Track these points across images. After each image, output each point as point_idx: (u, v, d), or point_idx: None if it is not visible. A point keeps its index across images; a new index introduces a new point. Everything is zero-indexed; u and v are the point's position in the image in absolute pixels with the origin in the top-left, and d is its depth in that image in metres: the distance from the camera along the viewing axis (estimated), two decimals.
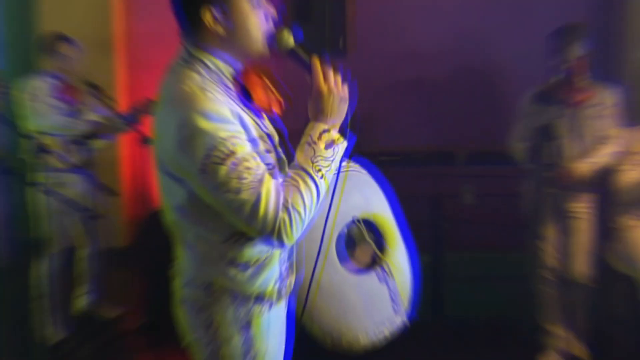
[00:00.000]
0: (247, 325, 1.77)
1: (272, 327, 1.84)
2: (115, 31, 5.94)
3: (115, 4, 5.90)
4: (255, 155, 1.62)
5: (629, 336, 3.73)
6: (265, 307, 1.80)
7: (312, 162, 1.66)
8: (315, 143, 1.68)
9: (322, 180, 1.68)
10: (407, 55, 5.42)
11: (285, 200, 1.60)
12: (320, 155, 1.67)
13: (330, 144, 1.70)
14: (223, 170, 1.55)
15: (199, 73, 1.68)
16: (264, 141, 1.73)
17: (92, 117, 4.31)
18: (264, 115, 1.83)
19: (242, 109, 1.70)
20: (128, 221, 5.86)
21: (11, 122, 3.66)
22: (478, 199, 4.50)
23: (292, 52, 1.75)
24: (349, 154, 1.82)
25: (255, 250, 1.75)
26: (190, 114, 1.56)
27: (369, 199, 2.23)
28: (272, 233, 1.59)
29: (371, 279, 2.18)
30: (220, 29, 1.69)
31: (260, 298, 1.78)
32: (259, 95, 1.80)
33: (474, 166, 4.53)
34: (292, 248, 1.89)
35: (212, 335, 1.77)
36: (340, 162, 1.77)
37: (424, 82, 5.50)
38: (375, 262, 2.21)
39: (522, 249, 3.90)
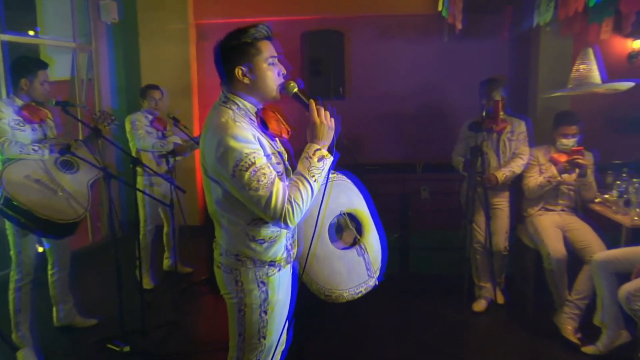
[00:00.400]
0: (263, 282, 1.76)
1: (281, 283, 1.82)
2: (193, 81, 5.91)
3: (192, 62, 5.87)
4: (269, 165, 1.63)
5: (534, 289, 3.63)
6: (276, 269, 1.78)
7: (308, 170, 1.66)
8: (310, 158, 1.67)
9: (315, 183, 1.67)
10: (385, 98, 5.37)
11: (289, 196, 1.61)
12: (314, 166, 1.66)
13: (321, 159, 1.68)
14: (247, 175, 1.57)
15: (232, 110, 1.69)
16: (275, 156, 1.73)
17: (174, 140, 4.27)
18: (277, 139, 1.81)
19: (261, 134, 1.69)
20: (200, 208, 5.85)
21: (118, 144, 3.64)
22: (431, 195, 4.44)
23: (295, 96, 1.74)
24: (335, 166, 1.79)
25: (269, 230, 1.74)
26: (225, 137, 1.59)
27: (351, 199, 2.16)
28: (280, 218, 1.60)
29: (352, 254, 2.11)
30: (246, 80, 1.71)
31: (272, 263, 1.77)
32: (273, 125, 1.78)
33: (428, 173, 4.47)
34: (294, 229, 1.86)
35: (240, 288, 1.77)
36: (329, 172, 1.75)
37: (396, 116, 5.46)
38: (355, 242, 2.14)
39: (461, 229, 3.82)
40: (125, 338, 3.14)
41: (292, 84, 1.73)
